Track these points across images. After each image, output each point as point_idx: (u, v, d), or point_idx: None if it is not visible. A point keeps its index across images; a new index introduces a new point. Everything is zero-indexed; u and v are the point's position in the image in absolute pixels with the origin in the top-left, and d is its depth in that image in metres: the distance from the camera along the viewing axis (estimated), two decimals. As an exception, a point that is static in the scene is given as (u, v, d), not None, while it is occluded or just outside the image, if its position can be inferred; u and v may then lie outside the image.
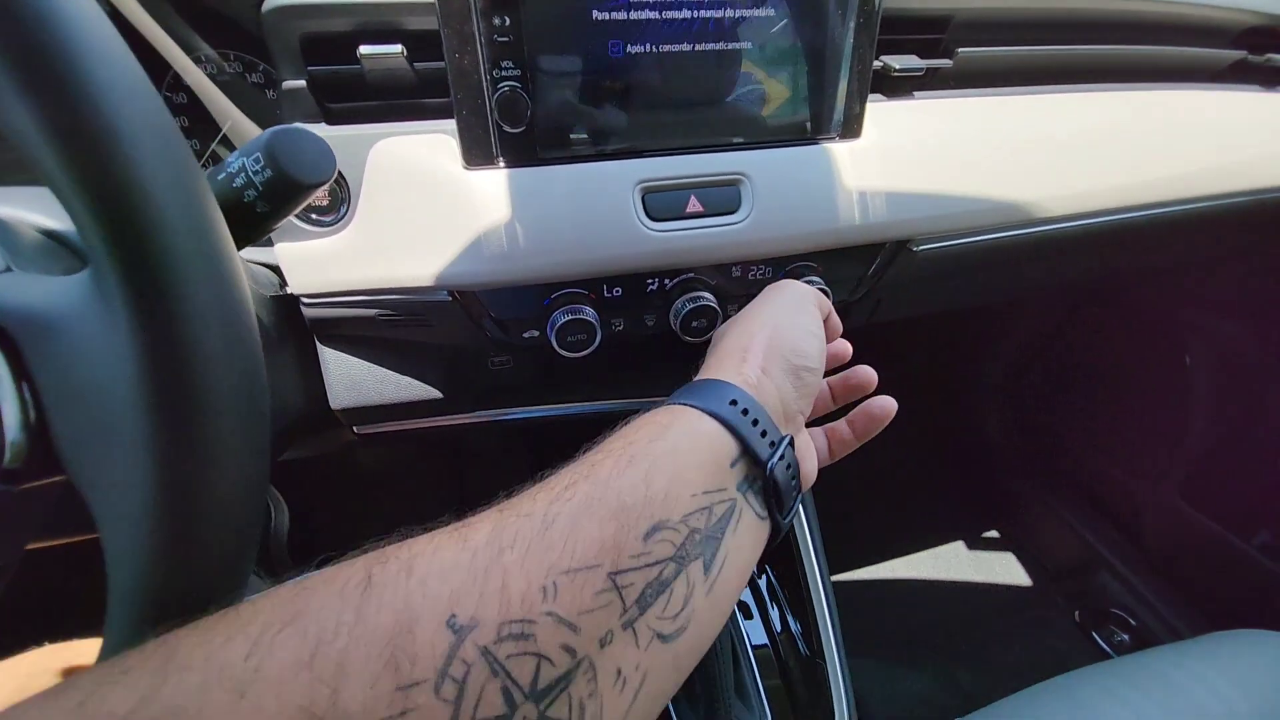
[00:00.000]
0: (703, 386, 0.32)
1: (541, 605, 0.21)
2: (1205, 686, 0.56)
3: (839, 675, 0.53)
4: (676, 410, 0.30)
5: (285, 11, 0.40)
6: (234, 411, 0.20)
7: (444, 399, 0.55)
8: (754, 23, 0.43)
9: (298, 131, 0.29)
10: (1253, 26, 0.69)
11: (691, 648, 0.26)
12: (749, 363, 0.34)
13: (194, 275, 0.19)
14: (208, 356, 0.19)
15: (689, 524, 0.26)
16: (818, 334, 0.37)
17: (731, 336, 0.37)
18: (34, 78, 0.16)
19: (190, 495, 0.19)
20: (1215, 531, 1.01)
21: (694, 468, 0.28)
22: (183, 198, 0.19)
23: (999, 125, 0.56)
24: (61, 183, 0.17)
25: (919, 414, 1.42)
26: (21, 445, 0.20)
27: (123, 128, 0.17)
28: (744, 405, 0.31)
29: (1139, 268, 0.91)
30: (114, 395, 0.19)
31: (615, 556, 0.24)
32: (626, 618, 0.23)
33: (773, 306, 0.38)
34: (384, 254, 0.44)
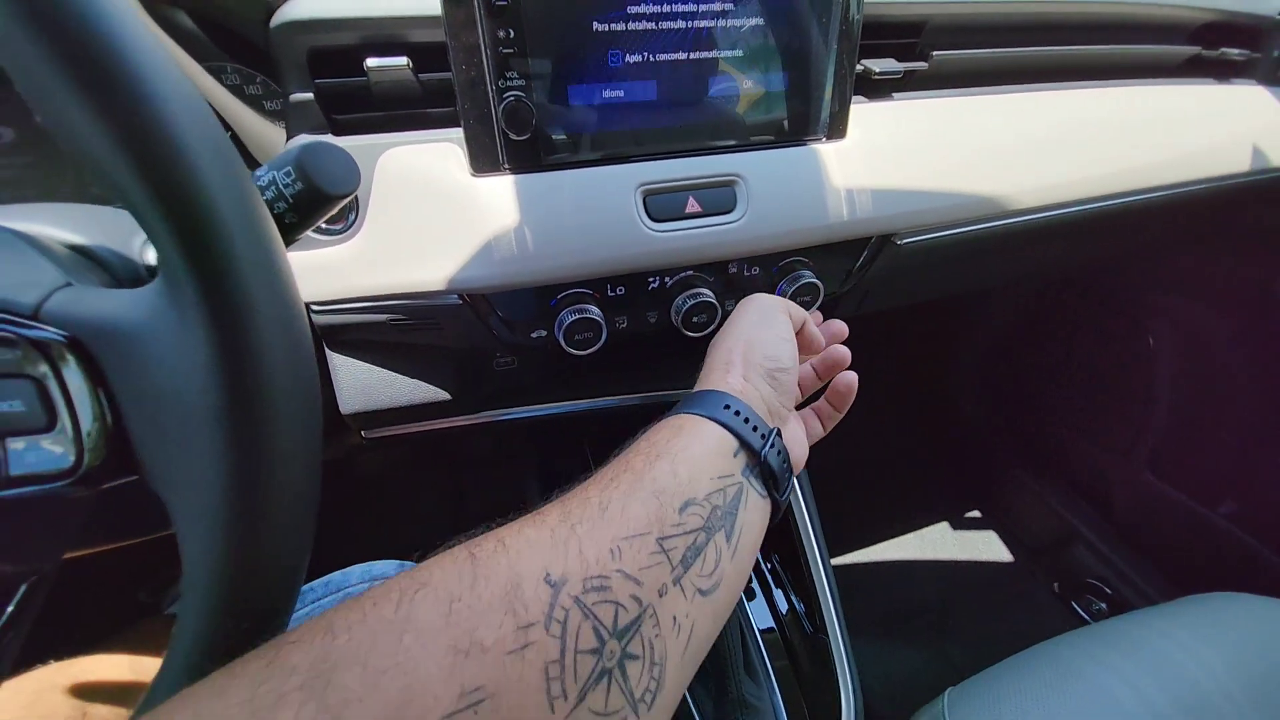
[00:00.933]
0: (700, 397, 0.38)
1: (612, 564, 0.26)
2: (1180, 646, 0.60)
3: (842, 651, 0.56)
4: (684, 418, 0.36)
5: (293, 26, 0.41)
6: (296, 411, 0.22)
7: (452, 400, 0.57)
8: (744, 32, 0.46)
9: (325, 146, 0.31)
10: (1207, 23, 0.74)
11: (725, 602, 0.31)
12: (732, 373, 0.40)
13: (260, 286, 0.20)
14: (274, 361, 0.21)
15: (711, 501, 0.32)
16: (787, 338, 0.43)
17: (717, 350, 0.42)
18: (115, 111, 0.18)
19: (260, 490, 0.21)
20: (1183, 502, 1.06)
21: (707, 458, 0.34)
22: (247, 215, 0.21)
23: (974, 123, 0.59)
24: (142, 204, 0.19)
25: (902, 402, 1.47)
26: (100, 448, 0.21)
27: (195, 151, 0.19)
28: (735, 408, 0.36)
29: (1105, 255, 0.96)
30: (188, 399, 0.20)
31: (660, 526, 0.29)
32: (675, 574, 0.28)
33: (745, 321, 0.43)
34: (394, 260, 0.46)
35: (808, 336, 0.47)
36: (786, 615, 0.60)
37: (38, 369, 0.20)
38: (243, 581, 0.21)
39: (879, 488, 1.33)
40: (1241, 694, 0.56)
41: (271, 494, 0.21)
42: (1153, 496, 1.10)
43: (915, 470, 1.39)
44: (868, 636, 0.99)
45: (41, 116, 0.19)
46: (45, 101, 0.19)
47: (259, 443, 0.20)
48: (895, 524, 1.25)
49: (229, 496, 0.20)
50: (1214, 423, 1.06)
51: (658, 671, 0.26)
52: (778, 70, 0.48)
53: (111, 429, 0.21)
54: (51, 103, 0.18)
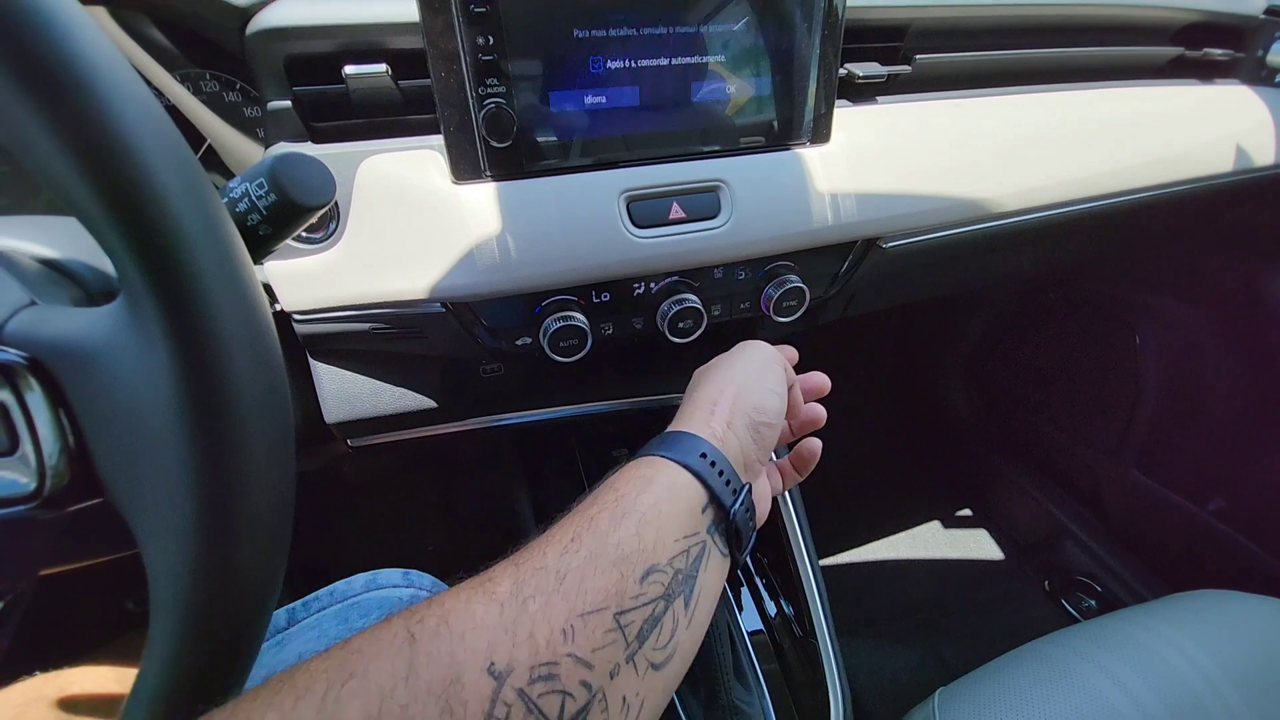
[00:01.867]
0: (676, 439, 0.36)
1: (563, 647, 0.24)
2: (1169, 644, 0.60)
3: (831, 653, 0.56)
4: (656, 463, 0.34)
5: (269, 34, 0.41)
6: (265, 427, 0.22)
7: (438, 408, 0.56)
8: (726, 37, 0.46)
9: (299, 156, 0.30)
10: (1189, 24, 0.74)
11: (676, 673, 0.30)
12: (716, 416, 0.38)
13: (225, 301, 0.20)
14: (240, 376, 0.20)
15: (674, 565, 0.30)
16: (779, 392, 0.41)
17: (703, 389, 0.40)
18: (68, 125, 0.17)
19: (229, 509, 0.20)
20: (1171, 499, 1.07)
21: (674, 517, 0.32)
22: (210, 228, 0.20)
23: (958, 126, 0.59)
24: (99, 221, 0.18)
25: (891, 403, 1.47)
26: (62, 471, 0.21)
27: (153, 165, 0.18)
28: (712, 458, 0.35)
29: (1091, 256, 0.96)
30: (153, 418, 0.20)
31: (619, 599, 0.27)
32: (629, 651, 0.27)
33: (741, 365, 0.42)
34: (376, 269, 0.45)
35: (792, 399, 0.45)
36: (776, 619, 0.60)
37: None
38: (211, 603, 0.21)
39: (870, 488, 1.34)
40: (1230, 691, 0.56)
41: (240, 513, 0.21)
42: (1141, 494, 1.11)
43: (906, 469, 1.40)
44: (860, 636, 1.00)
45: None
46: None
47: (225, 461, 0.20)
48: (887, 523, 1.26)
49: (195, 517, 0.20)
50: (1201, 420, 1.07)
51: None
52: (761, 75, 0.48)
53: (74, 451, 0.21)
54: (3, 112, 0.18)
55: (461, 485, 1.13)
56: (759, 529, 0.39)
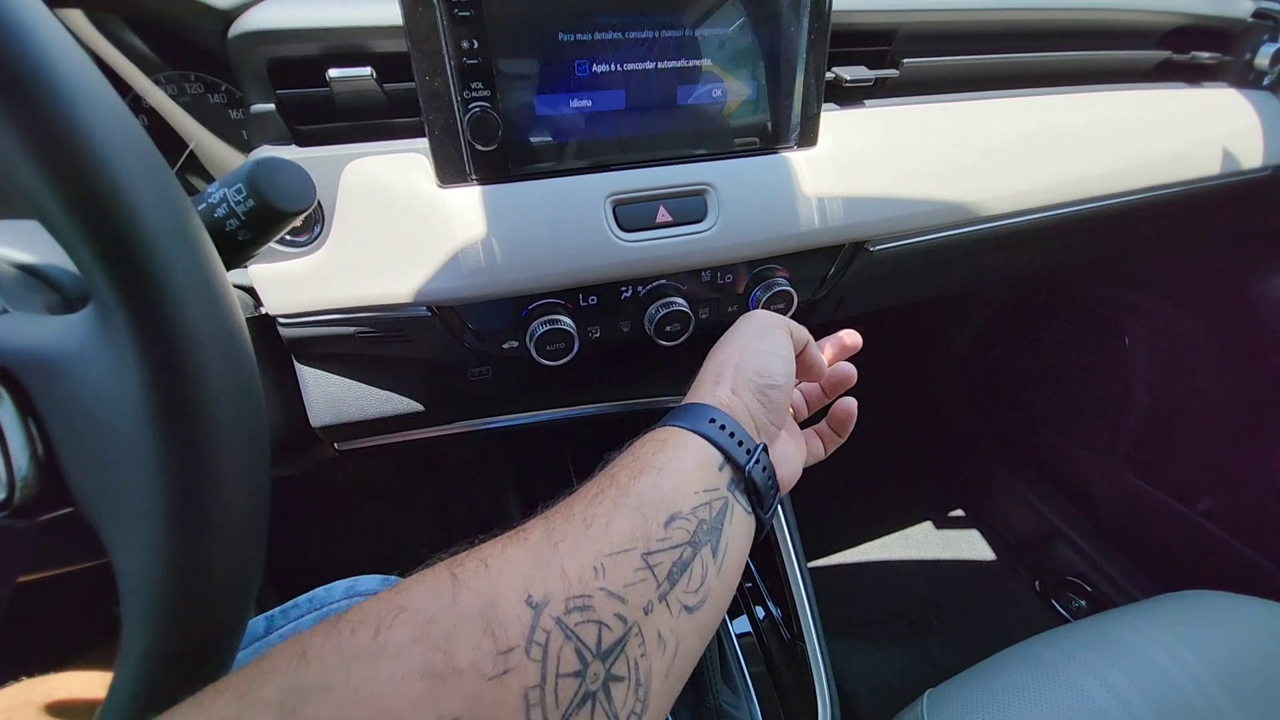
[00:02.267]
0: (686, 410, 0.37)
1: (595, 582, 0.26)
2: (1157, 645, 0.60)
3: (819, 656, 0.56)
4: (669, 430, 0.36)
5: (252, 38, 0.41)
6: (238, 433, 0.21)
7: (425, 412, 0.56)
8: (713, 40, 0.45)
9: (278, 161, 0.30)
10: (1176, 27, 0.75)
11: (711, 619, 0.31)
12: (721, 386, 0.39)
13: (196, 308, 0.20)
14: (212, 383, 0.20)
15: (697, 515, 0.32)
16: (783, 355, 0.41)
17: (710, 362, 0.41)
18: (34, 132, 0.17)
19: (201, 516, 0.20)
20: (1161, 500, 1.07)
21: (691, 471, 0.33)
22: (181, 235, 0.20)
23: (945, 130, 0.60)
24: (65, 229, 0.18)
25: (883, 405, 1.47)
26: (31, 481, 0.20)
27: (121, 171, 0.18)
28: (721, 421, 0.36)
29: (1080, 258, 0.97)
30: (123, 427, 0.19)
31: (645, 541, 0.29)
32: (660, 591, 0.28)
33: (740, 334, 0.42)
34: (361, 272, 0.45)
35: (809, 359, 0.45)
36: (764, 622, 0.60)
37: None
38: (183, 612, 0.21)
39: (862, 489, 1.34)
40: (1218, 692, 0.56)
41: (212, 521, 0.21)
42: (1132, 494, 1.11)
43: (898, 471, 1.40)
44: (851, 637, 1.00)
45: None
46: None
47: (195, 470, 0.20)
48: (879, 524, 1.26)
49: (165, 526, 0.20)
50: (1191, 421, 1.07)
51: (643, 692, 0.26)
52: (747, 78, 0.48)
53: (43, 460, 0.21)
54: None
55: (453, 488, 1.13)
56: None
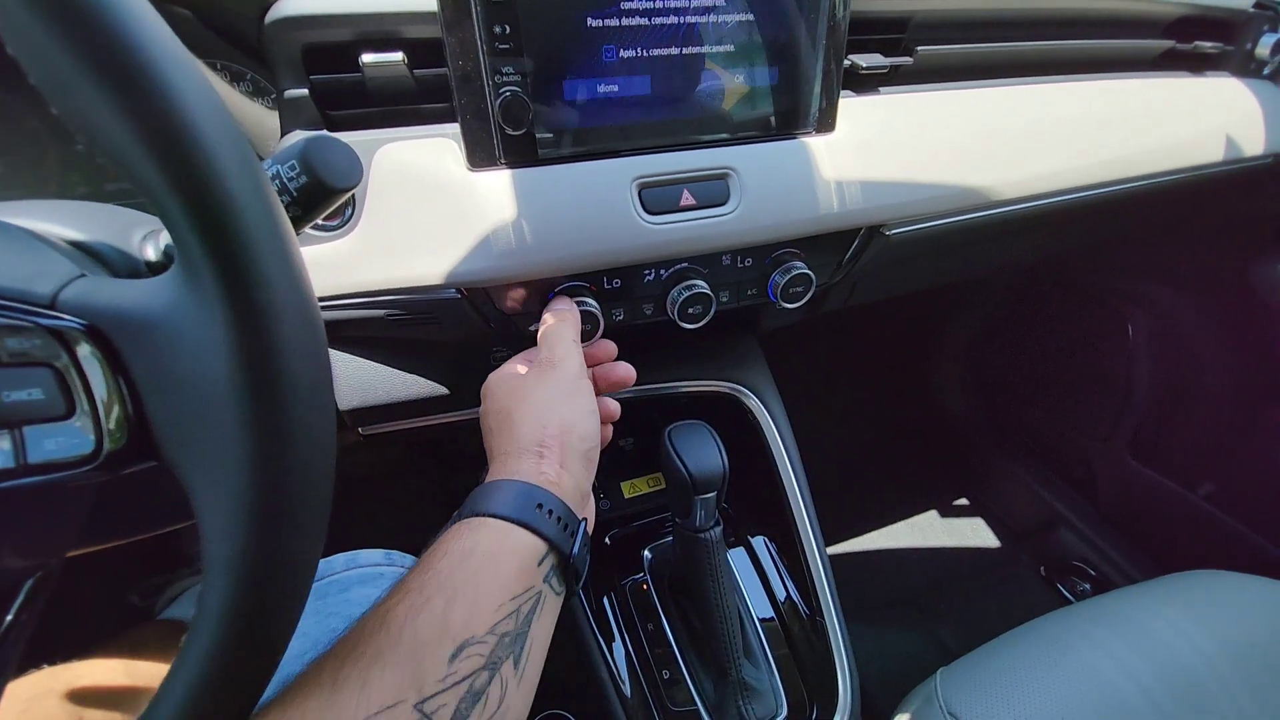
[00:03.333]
0: (506, 490, 0.34)
1: None
2: (1165, 622, 0.61)
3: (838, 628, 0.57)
4: (483, 527, 0.33)
5: (287, 23, 0.42)
6: (312, 392, 0.22)
7: (448, 395, 0.57)
8: (736, 28, 0.46)
9: (329, 140, 0.31)
10: (1180, 17, 0.76)
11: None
12: (546, 459, 0.36)
13: (277, 272, 0.21)
14: (291, 344, 0.21)
15: (497, 631, 0.29)
16: (594, 410, 0.41)
17: (521, 425, 0.38)
18: (137, 109, 0.18)
19: (282, 470, 0.21)
20: (1164, 485, 1.09)
21: (499, 581, 0.31)
22: (263, 203, 0.21)
23: (958, 117, 0.61)
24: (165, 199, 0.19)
25: (888, 394, 1.49)
26: (119, 435, 0.21)
27: (212, 146, 0.19)
28: (549, 506, 0.34)
29: (1086, 244, 0.98)
30: (210, 383, 0.20)
31: (418, 689, 0.25)
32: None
33: (553, 392, 0.40)
34: (392, 255, 0.46)
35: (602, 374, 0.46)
36: (784, 603, 0.62)
37: (56, 357, 0.21)
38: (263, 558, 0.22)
39: (867, 478, 1.36)
40: (1226, 668, 0.57)
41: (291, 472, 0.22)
42: (1134, 480, 1.13)
43: (902, 460, 1.41)
44: (859, 623, 1.01)
45: (57, 108, 0.20)
46: (63, 94, 0.19)
47: (278, 424, 0.21)
48: (884, 513, 1.27)
49: (251, 476, 0.21)
50: (1192, 407, 1.09)
51: None
52: (768, 65, 0.49)
53: (131, 415, 0.22)
54: (70, 95, 0.19)
55: (461, 481, 1.14)
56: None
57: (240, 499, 0.20)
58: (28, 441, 0.21)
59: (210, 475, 0.21)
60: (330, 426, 0.24)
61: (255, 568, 0.21)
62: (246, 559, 0.21)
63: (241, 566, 0.21)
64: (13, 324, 0.20)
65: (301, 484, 0.22)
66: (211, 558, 0.21)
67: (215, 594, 0.21)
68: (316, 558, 0.24)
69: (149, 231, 0.36)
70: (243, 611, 0.21)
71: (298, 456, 0.21)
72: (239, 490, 0.20)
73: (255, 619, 0.22)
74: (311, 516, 0.23)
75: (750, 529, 0.68)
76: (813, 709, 0.58)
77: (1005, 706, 0.56)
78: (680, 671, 0.55)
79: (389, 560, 0.52)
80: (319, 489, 0.23)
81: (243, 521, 0.20)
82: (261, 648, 0.23)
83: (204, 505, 0.21)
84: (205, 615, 0.22)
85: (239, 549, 0.21)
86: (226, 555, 0.21)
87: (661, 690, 0.54)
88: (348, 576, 0.49)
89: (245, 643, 0.22)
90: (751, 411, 0.66)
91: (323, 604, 0.46)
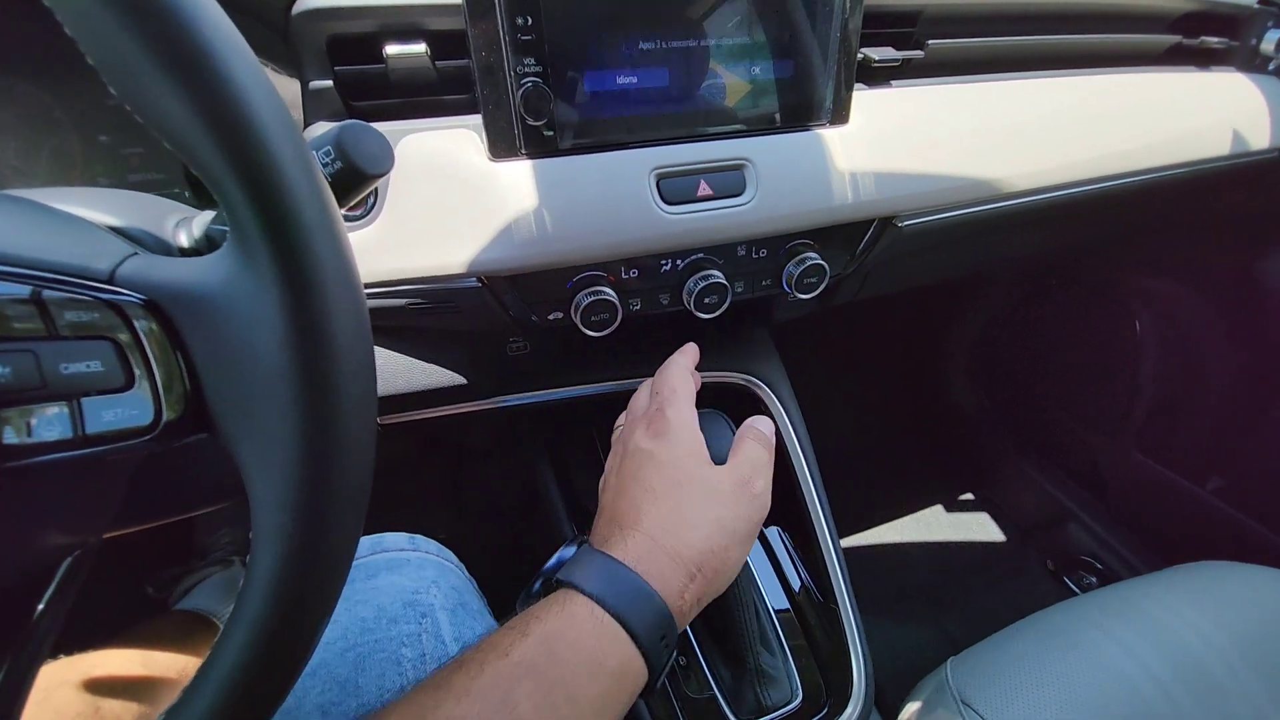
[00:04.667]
0: (646, 604, 0.32)
1: None
2: (1175, 613, 0.61)
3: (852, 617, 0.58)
4: (613, 638, 0.31)
5: (315, 14, 0.42)
6: (358, 367, 0.23)
7: (466, 385, 0.58)
8: (754, 20, 0.47)
9: (362, 126, 0.32)
10: (1187, 12, 0.76)
11: None
12: (689, 593, 0.34)
13: (327, 249, 0.22)
14: (340, 319, 0.22)
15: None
16: (751, 539, 0.37)
17: (688, 533, 0.35)
18: (201, 97, 0.19)
19: (331, 443, 0.22)
20: (1171, 479, 1.09)
21: (597, 695, 0.30)
22: (314, 187, 0.22)
23: (969, 110, 0.61)
24: (222, 177, 0.20)
25: (895, 389, 1.49)
26: (176, 404, 0.22)
27: (269, 130, 0.20)
28: (669, 640, 0.32)
29: (1094, 237, 0.99)
30: (262, 357, 0.21)
31: None
32: None
33: (736, 524, 0.36)
34: (413, 244, 0.47)
35: None
36: (799, 592, 0.62)
37: (116, 330, 0.21)
38: (311, 528, 0.22)
39: (874, 473, 1.36)
40: (1236, 657, 0.58)
41: (339, 444, 0.22)
42: (1142, 474, 1.13)
43: (909, 455, 1.42)
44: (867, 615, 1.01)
45: (116, 89, 0.20)
46: (124, 76, 0.20)
47: (328, 397, 0.22)
48: (890, 507, 1.28)
49: (301, 448, 0.21)
50: (1200, 401, 1.09)
51: None
52: (785, 57, 0.50)
53: (187, 387, 0.23)
54: (131, 78, 0.19)
55: (473, 474, 1.14)
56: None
57: (287, 472, 0.21)
58: (85, 412, 0.21)
59: (261, 446, 0.22)
60: (373, 401, 0.24)
61: (304, 538, 0.22)
62: (295, 529, 0.21)
63: (290, 536, 0.21)
64: (73, 298, 0.21)
65: (346, 456, 0.22)
66: (261, 527, 0.22)
67: (264, 564, 0.22)
68: (359, 529, 0.25)
69: (181, 219, 0.37)
70: (290, 580, 0.22)
71: (344, 429, 0.22)
72: (287, 463, 0.21)
73: (302, 588, 0.22)
74: (357, 487, 0.23)
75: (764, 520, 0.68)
76: (827, 695, 0.58)
77: (1017, 694, 0.56)
78: (697, 658, 0.55)
79: (413, 545, 0.53)
80: (364, 461, 0.23)
81: (289, 494, 0.21)
82: (307, 617, 0.24)
83: (254, 475, 0.22)
84: (254, 584, 0.22)
85: (288, 519, 0.21)
86: (276, 525, 0.21)
87: (680, 678, 0.55)
88: (374, 562, 0.50)
89: (292, 611, 0.22)
90: (764, 402, 0.66)
91: (351, 590, 0.47)
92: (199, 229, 0.36)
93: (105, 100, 0.51)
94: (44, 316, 0.21)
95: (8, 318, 0.20)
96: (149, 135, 0.20)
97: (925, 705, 0.60)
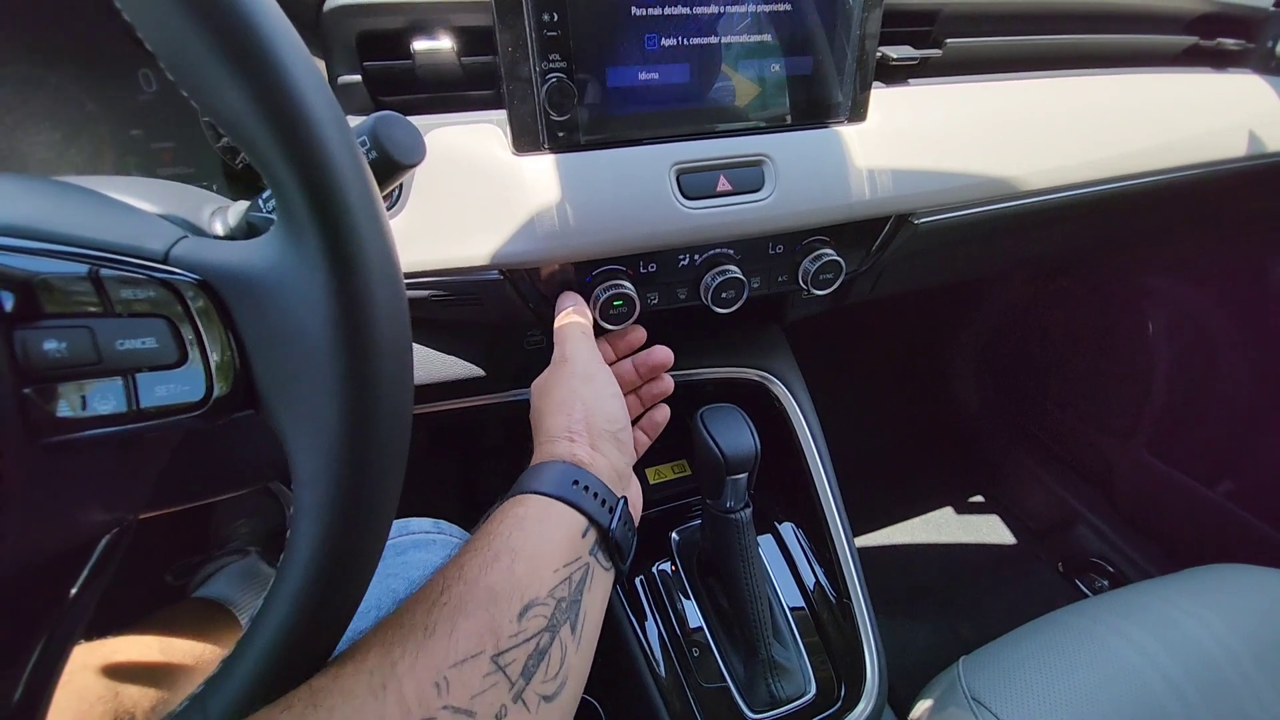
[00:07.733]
0: (544, 472, 0.37)
1: (437, 701, 0.24)
2: (1187, 614, 0.61)
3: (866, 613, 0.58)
4: (529, 501, 0.35)
5: (345, 10, 0.43)
6: (398, 349, 0.24)
7: (484, 377, 0.59)
8: (774, 17, 0.48)
9: (396, 118, 0.33)
10: (1203, 14, 0.77)
11: (572, 697, 0.30)
12: (577, 443, 0.39)
13: (371, 236, 0.23)
14: (382, 303, 0.23)
15: (555, 595, 0.31)
16: (616, 393, 0.43)
17: (550, 418, 0.41)
18: (260, 90, 0.20)
19: (372, 421, 0.23)
20: (1182, 482, 1.09)
21: (552, 547, 0.33)
22: (360, 174, 0.23)
23: (986, 108, 0.62)
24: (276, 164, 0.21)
25: (906, 391, 1.49)
26: (227, 381, 0.23)
27: (320, 115, 0.21)
28: (585, 483, 0.36)
29: (1109, 237, 0.99)
30: (308, 336, 0.22)
31: (495, 640, 0.27)
32: (515, 690, 0.27)
33: (571, 384, 0.43)
34: (437, 237, 0.47)
35: (623, 373, 0.48)
36: (813, 589, 0.63)
37: (171, 308, 0.22)
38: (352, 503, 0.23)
39: (885, 474, 1.36)
40: (1248, 660, 0.57)
41: (380, 422, 0.23)
42: (1152, 477, 1.13)
43: (919, 456, 1.42)
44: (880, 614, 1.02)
45: (172, 74, 0.21)
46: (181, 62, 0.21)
47: (370, 377, 0.22)
48: (900, 509, 1.28)
49: (345, 427, 0.22)
50: (1211, 403, 1.09)
51: None
52: (804, 55, 0.50)
53: (237, 364, 0.23)
54: (188, 64, 0.20)
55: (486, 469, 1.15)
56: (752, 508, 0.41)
57: (330, 449, 0.22)
58: (140, 387, 0.22)
59: (303, 425, 0.22)
60: (410, 381, 0.25)
61: (345, 512, 0.22)
62: (337, 503, 0.22)
63: (332, 510, 0.22)
64: (129, 276, 0.22)
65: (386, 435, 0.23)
66: (303, 502, 0.23)
67: (306, 537, 0.22)
68: (395, 504, 0.25)
69: (216, 209, 0.38)
70: (331, 553, 0.23)
71: (384, 409, 0.23)
72: (330, 441, 0.22)
73: (342, 560, 0.23)
74: (393, 465, 0.24)
75: (777, 516, 0.69)
76: (841, 689, 0.58)
77: (1029, 693, 0.56)
78: (710, 650, 0.56)
79: (438, 528, 0.54)
80: (401, 440, 0.24)
81: (331, 470, 0.22)
82: (346, 588, 0.24)
83: (298, 450, 0.23)
84: (295, 557, 0.23)
85: (326, 495, 0.22)
86: (318, 499, 0.22)
87: (693, 668, 0.55)
88: (401, 542, 0.51)
89: (333, 582, 0.23)
90: (779, 398, 0.67)
91: (382, 565, 0.48)
92: (234, 218, 0.37)
93: (137, 95, 0.52)
94: (101, 294, 0.22)
95: (66, 295, 0.21)
96: (180, 130, 0.21)
97: (937, 702, 0.60)
